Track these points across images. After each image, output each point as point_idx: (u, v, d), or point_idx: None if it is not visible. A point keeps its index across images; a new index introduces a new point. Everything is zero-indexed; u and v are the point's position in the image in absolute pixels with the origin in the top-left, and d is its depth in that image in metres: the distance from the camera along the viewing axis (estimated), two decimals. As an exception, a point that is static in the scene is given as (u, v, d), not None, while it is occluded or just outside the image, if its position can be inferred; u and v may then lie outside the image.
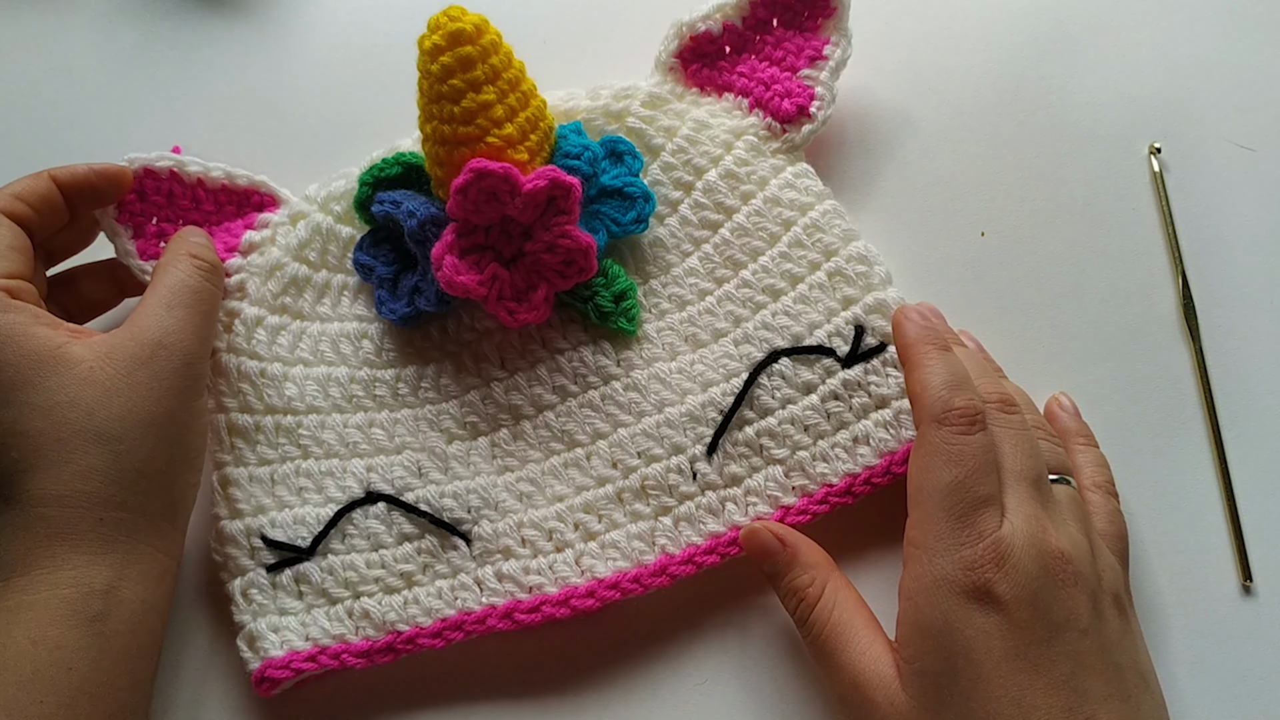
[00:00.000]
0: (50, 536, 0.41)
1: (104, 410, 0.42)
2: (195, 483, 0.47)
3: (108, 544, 0.42)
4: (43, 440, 0.42)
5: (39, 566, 0.41)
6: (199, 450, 0.46)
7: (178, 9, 0.62)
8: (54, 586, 0.41)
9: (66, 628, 0.40)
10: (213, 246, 0.50)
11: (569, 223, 0.48)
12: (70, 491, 0.42)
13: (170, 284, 0.46)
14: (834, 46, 0.53)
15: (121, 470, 0.42)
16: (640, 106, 0.53)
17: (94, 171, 0.49)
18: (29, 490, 0.41)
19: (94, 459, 0.42)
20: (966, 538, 0.39)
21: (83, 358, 0.43)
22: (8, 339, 0.43)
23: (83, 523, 0.42)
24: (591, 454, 0.49)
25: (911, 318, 0.45)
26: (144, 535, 0.43)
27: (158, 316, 0.45)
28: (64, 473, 0.42)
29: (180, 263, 0.47)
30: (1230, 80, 0.55)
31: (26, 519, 0.41)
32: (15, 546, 0.41)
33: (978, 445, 0.40)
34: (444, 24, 0.46)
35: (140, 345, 0.44)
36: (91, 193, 0.49)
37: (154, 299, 0.46)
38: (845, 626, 0.42)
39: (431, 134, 0.48)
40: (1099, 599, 0.39)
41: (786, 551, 0.45)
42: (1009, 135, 0.55)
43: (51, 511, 0.41)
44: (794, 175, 0.52)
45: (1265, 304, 0.52)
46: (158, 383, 0.44)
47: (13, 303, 0.44)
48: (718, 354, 0.50)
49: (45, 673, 0.39)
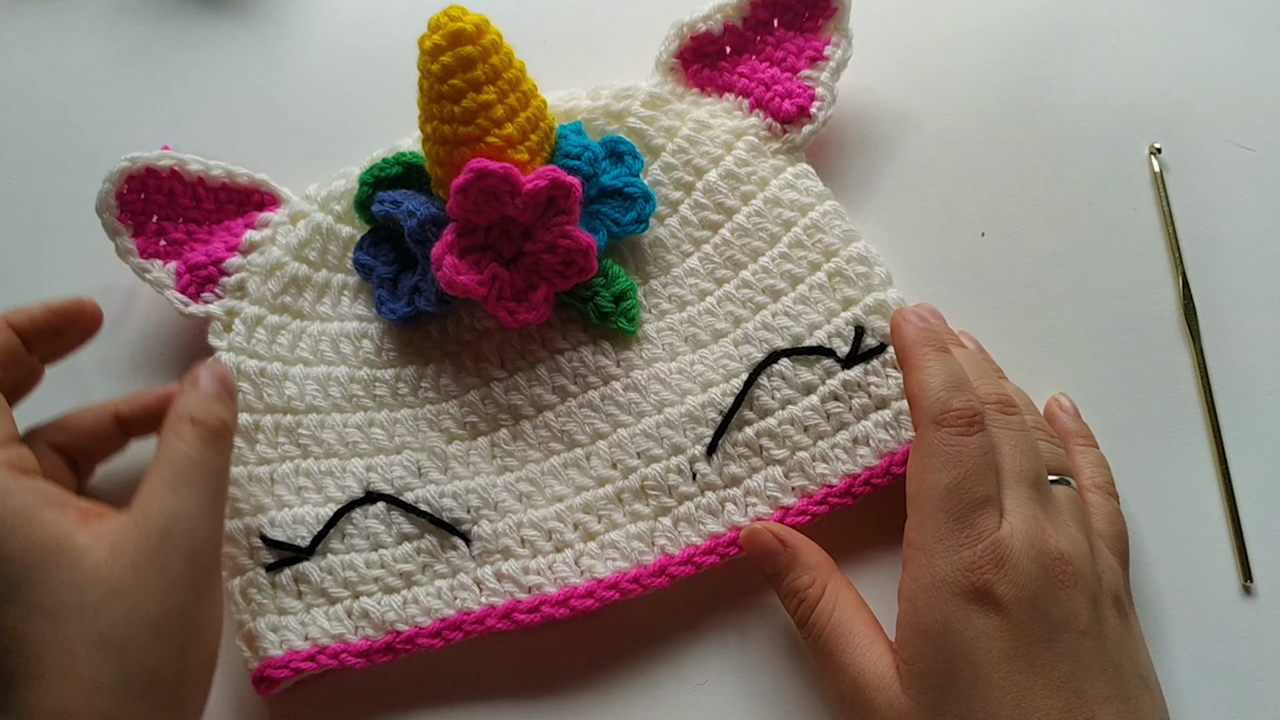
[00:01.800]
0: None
1: (110, 614, 0.38)
2: (207, 685, 0.42)
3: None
4: (45, 647, 0.37)
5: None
6: (213, 650, 0.42)
7: (178, 9, 0.62)
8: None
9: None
10: (223, 391, 0.44)
11: (569, 223, 0.48)
12: (72, 707, 0.37)
13: (173, 459, 0.41)
14: (835, 47, 0.53)
15: (129, 681, 0.38)
16: (641, 107, 0.53)
17: (51, 311, 0.45)
18: (28, 701, 0.37)
19: (99, 670, 0.37)
20: (965, 539, 0.39)
21: (89, 550, 0.39)
22: (14, 528, 0.39)
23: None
24: (591, 454, 0.49)
25: (909, 319, 0.45)
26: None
27: (162, 500, 0.40)
28: (66, 685, 0.37)
29: (182, 431, 0.42)
30: (1230, 80, 0.55)
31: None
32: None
33: (976, 446, 0.40)
34: (444, 24, 0.46)
35: (146, 536, 0.39)
36: (54, 335, 0.46)
37: (157, 477, 0.41)
38: (845, 627, 0.42)
39: (432, 134, 0.48)
40: (1098, 600, 0.39)
41: (787, 552, 0.45)
42: (1009, 135, 0.55)
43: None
44: (794, 176, 0.52)
45: (1265, 304, 0.52)
46: (166, 579, 0.39)
47: (22, 482, 0.40)
48: (717, 354, 0.50)
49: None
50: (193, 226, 0.53)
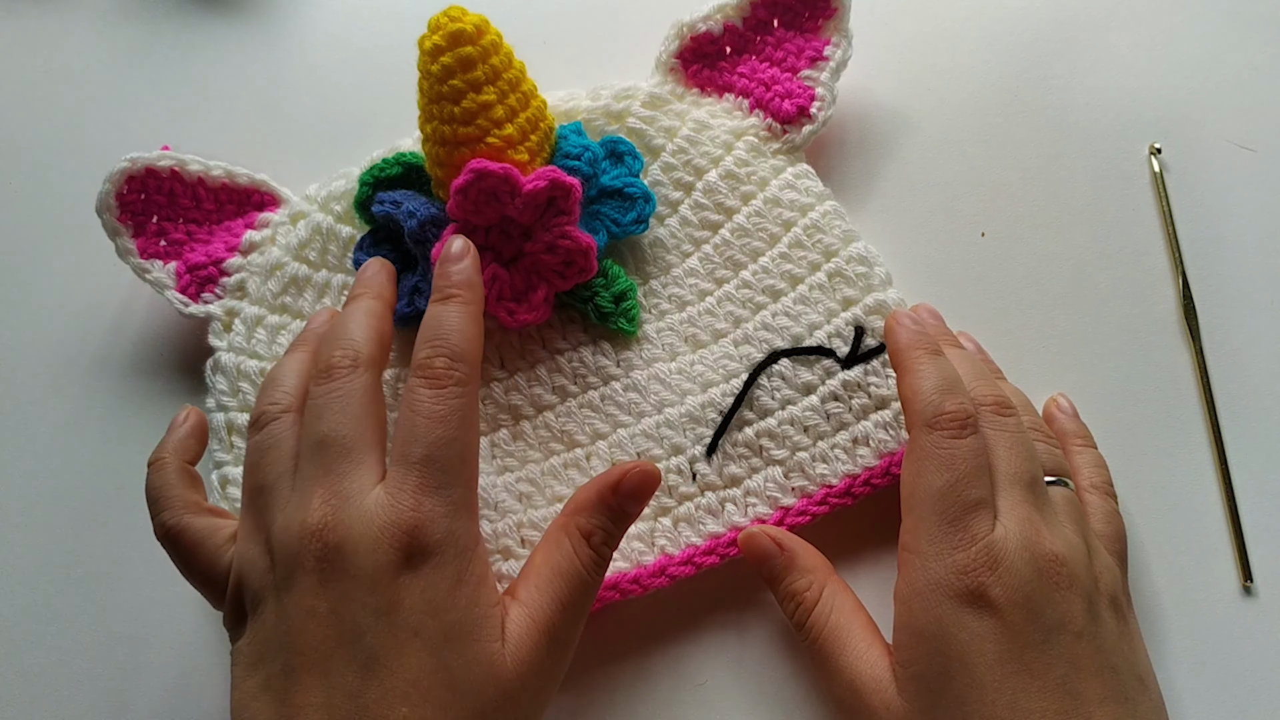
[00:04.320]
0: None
1: (496, 711, 0.38)
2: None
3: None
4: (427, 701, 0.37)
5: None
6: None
7: (178, 9, 0.62)
8: None
9: None
10: (624, 515, 0.42)
11: (569, 223, 0.48)
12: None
13: (566, 571, 0.40)
14: (834, 47, 0.53)
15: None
16: (640, 107, 0.53)
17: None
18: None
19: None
20: (959, 542, 0.39)
21: (506, 661, 0.38)
22: (472, 638, 0.38)
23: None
24: (591, 454, 0.49)
25: (903, 323, 0.45)
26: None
27: (550, 610, 0.40)
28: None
29: (580, 548, 0.41)
30: (1230, 80, 0.55)
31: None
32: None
33: (969, 449, 0.40)
34: (444, 24, 0.46)
35: (539, 642, 0.39)
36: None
37: (549, 583, 0.40)
38: (842, 630, 0.42)
39: (431, 134, 0.48)
40: (1095, 601, 0.39)
41: (784, 555, 0.44)
42: (1009, 135, 0.55)
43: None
44: (794, 176, 0.52)
45: (1265, 304, 0.52)
46: (550, 681, 0.40)
47: (490, 595, 0.39)
48: (717, 355, 0.50)
49: None
50: (193, 227, 0.53)
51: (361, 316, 0.43)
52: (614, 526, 0.41)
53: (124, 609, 0.50)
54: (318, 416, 0.40)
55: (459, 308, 0.42)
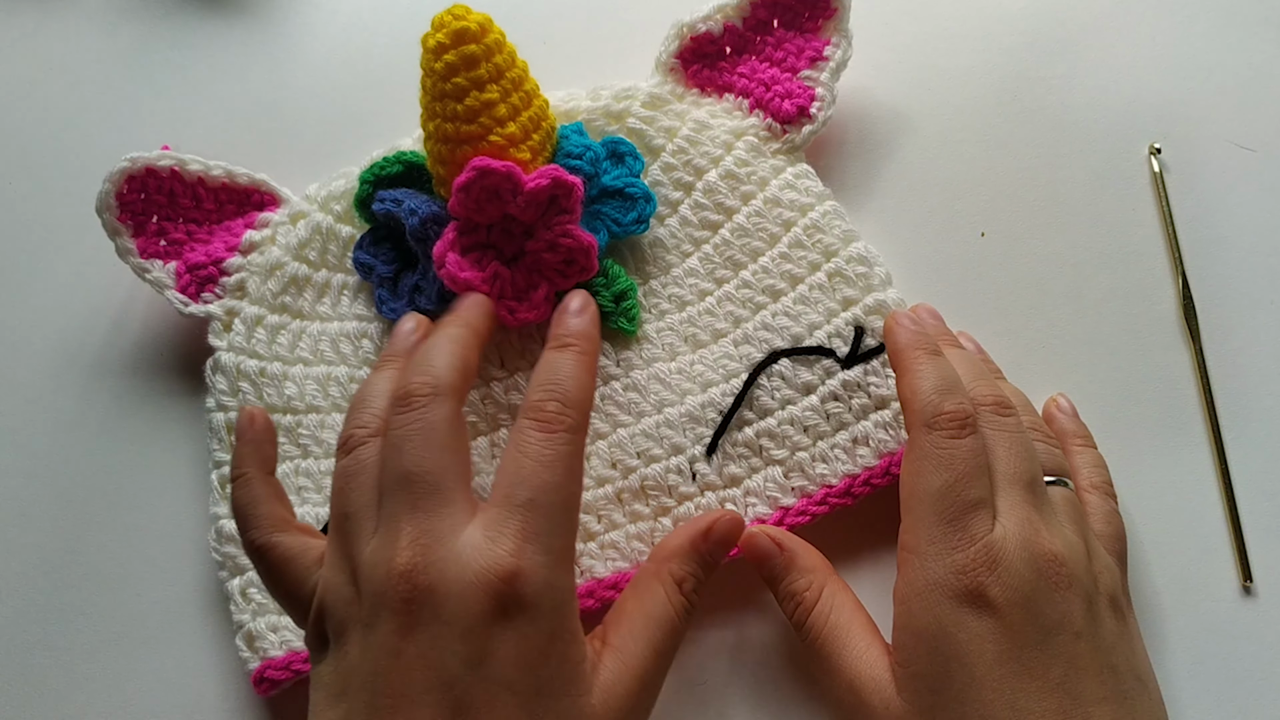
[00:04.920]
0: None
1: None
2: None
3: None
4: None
5: None
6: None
7: (178, 9, 0.62)
8: None
9: None
10: (710, 561, 0.43)
11: (571, 222, 0.48)
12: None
13: (659, 617, 0.40)
14: (834, 47, 0.53)
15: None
16: (641, 107, 0.53)
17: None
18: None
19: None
20: (958, 542, 0.39)
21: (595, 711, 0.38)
22: (564, 690, 0.37)
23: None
24: (590, 454, 0.49)
25: (902, 323, 0.45)
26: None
27: (643, 656, 0.39)
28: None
29: (673, 595, 0.41)
30: (1230, 80, 0.55)
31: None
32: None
33: (968, 449, 0.40)
34: (448, 22, 0.46)
35: (631, 689, 0.39)
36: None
37: (641, 628, 0.40)
38: (842, 630, 0.42)
39: (434, 132, 0.48)
40: (1094, 601, 0.39)
41: (783, 556, 0.44)
42: (1009, 135, 0.55)
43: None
44: (794, 176, 0.52)
45: (1265, 304, 0.52)
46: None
47: (579, 646, 0.38)
48: (717, 354, 0.50)
49: None
50: (193, 226, 0.53)
51: (446, 344, 0.42)
52: (703, 573, 0.42)
53: (124, 609, 0.50)
54: (399, 449, 0.38)
55: (575, 357, 0.42)
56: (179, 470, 0.52)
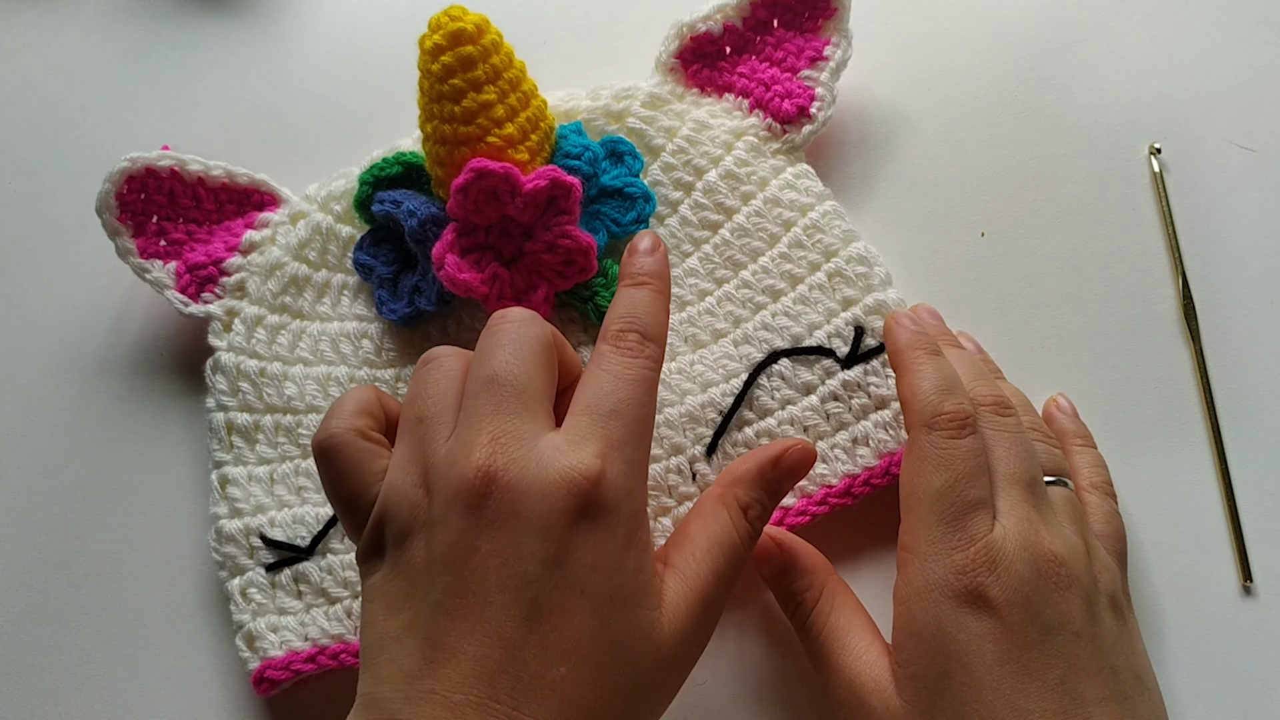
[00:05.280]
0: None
1: (651, 681, 0.37)
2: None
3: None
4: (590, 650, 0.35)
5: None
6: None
7: (177, 9, 0.62)
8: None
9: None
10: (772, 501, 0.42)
11: (569, 223, 0.48)
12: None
13: (721, 539, 0.39)
14: (834, 47, 0.53)
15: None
16: (640, 107, 0.53)
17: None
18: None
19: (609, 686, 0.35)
20: (958, 542, 0.39)
21: (673, 660, 0.37)
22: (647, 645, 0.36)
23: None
24: (591, 454, 0.49)
25: (902, 323, 0.45)
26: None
27: (706, 580, 0.38)
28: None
29: (736, 519, 0.40)
30: (1230, 80, 0.55)
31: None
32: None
33: (967, 449, 0.40)
34: (445, 23, 0.46)
35: (694, 611, 0.38)
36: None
37: (705, 552, 0.39)
38: (842, 630, 0.42)
39: (432, 133, 0.48)
40: (1094, 601, 0.39)
41: (784, 556, 0.44)
42: (1009, 135, 0.55)
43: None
44: (794, 176, 0.52)
45: (1265, 304, 0.52)
46: (698, 650, 0.39)
47: (652, 576, 0.37)
48: (717, 354, 0.50)
49: None
50: (193, 227, 0.53)
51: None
52: (769, 501, 0.41)
53: (124, 609, 0.50)
54: (489, 355, 0.38)
55: (651, 294, 0.41)
56: (179, 470, 0.52)
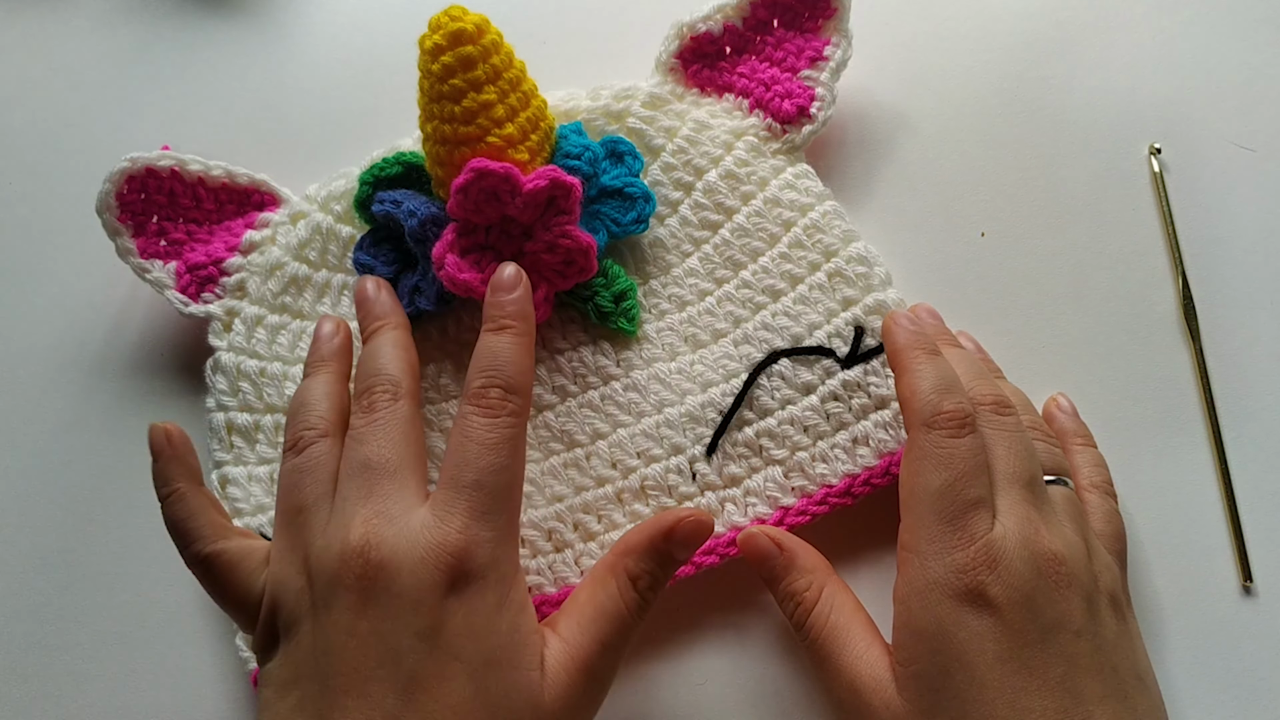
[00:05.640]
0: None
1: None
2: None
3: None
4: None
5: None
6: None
7: (177, 9, 0.62)
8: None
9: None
10: (673, 561, 0.42)
11: (569, 223, 0.48)
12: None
13: (610, 612, 0.40)
14: (834, 47, 0.53)
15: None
16: (640, 107, 0.53)
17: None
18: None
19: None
20: (958, 541, 0.39)
21: (545, 695, 0.38)
22: (510, 667, 0.38)
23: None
24: (591, 454, 0.49)
25: (901, 323, 0.45)
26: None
27: (590, 650, 0.39)
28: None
29: (625, 591, 0.41)
30: (1230, 80, 0.55)
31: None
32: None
33: (967, 448, 0.40)
34: (445, 23, 0.46)
35: (577, 679, 0.39)
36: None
37: (592, 623, 0.40)
38: (842, 630, 0.42)
39: (432, 134, 0.48)
40: (1094, 600, 0.39)
41: (783, 556, 0.44)
42: (1009, 135, 0.55)
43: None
44: (794, 176, 0.52)
45: (1265, 304, 0.52)
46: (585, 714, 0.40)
47: (533, 637, 0.39)
48: (717, 354, 0.50)
49: None
50: (193, 227, 0.53)
51: (391, 349, 0.44)
52: (661, 572, 0.42)
53: (124, 609, 0.50)
54: (361, 441, 0.40)
55: (512, 339, 0.42)
56: (179, 470, 0.52)
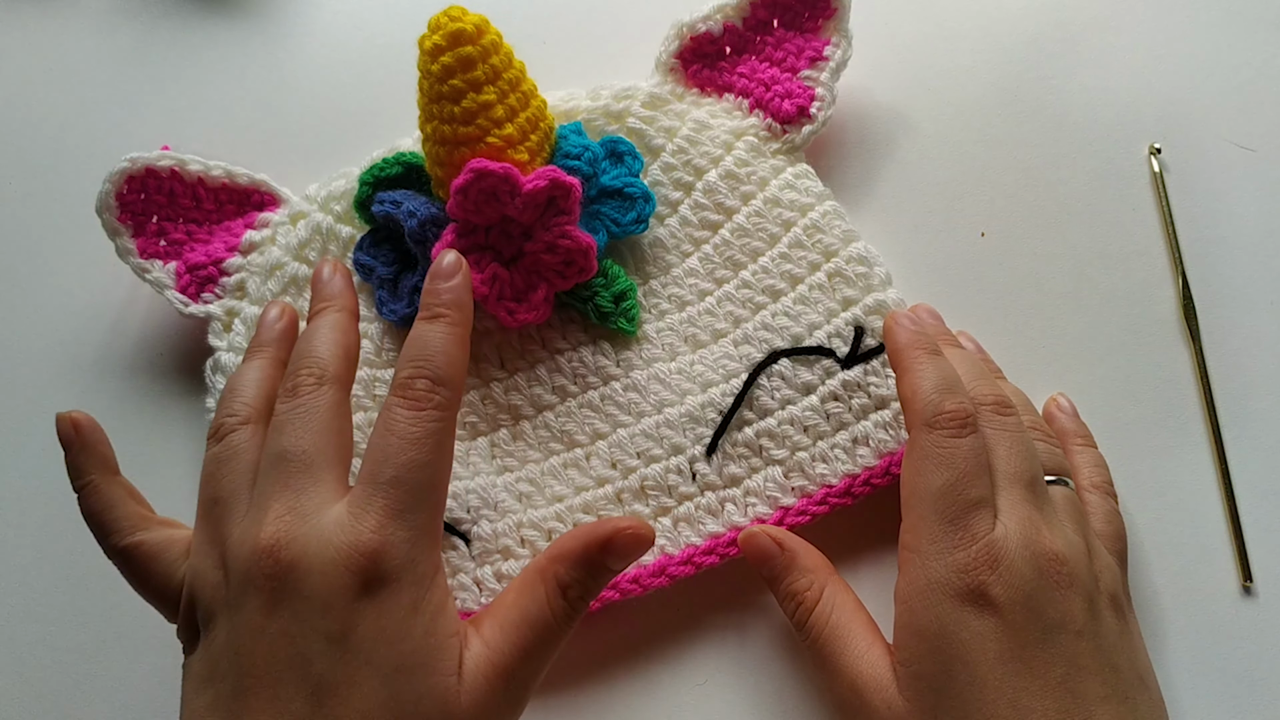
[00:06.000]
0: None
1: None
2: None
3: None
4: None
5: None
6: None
7: (177, 9, 0.62)
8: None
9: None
10: (605, 571, 0.40)
11: (569, 223, 0.48)
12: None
13: (535, 619, 0.39)
14: (834, 47, 0.53)
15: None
16: (640, 107, 0.53)
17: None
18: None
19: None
20: (959, 541, 0.39)
21: (460, 699, 0.37)
22: (426, 671, 0.36)
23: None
24: (591, 454, 0.49)
25: (902, 323, 0.45)
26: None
27: (513, 657, 0.38)
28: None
29: (554, 599, 0.39)
30: (1230, 80, 0.55)
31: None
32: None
33: (968, 448, 0.40)
34: (444, 24, 0.46)
35: (496, 686, 0.37)
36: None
37: (515, 629, 0.38)
38: (843, 630, 0.42)
39: (432, 134, 0.48)
40: (1095, 600, 0.39)
41: (784, 555, 0.44)
42: (1009, 135, 0.55)
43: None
44: (794, 176, 0.52)
45: (1265, 304, 0.52)
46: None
47: (451, 636, 0.37)
48: (717, 354, 0.50)
49: None
50: (193, 227, 0.53)
51: (328, 332, 0.42)
52: (593, 582, 0.39)
53: (124, 609, 0.50)
54: (280, 431, 0.39)
55: (445, 329, 0.40)
56: (179, 470, 0.52)
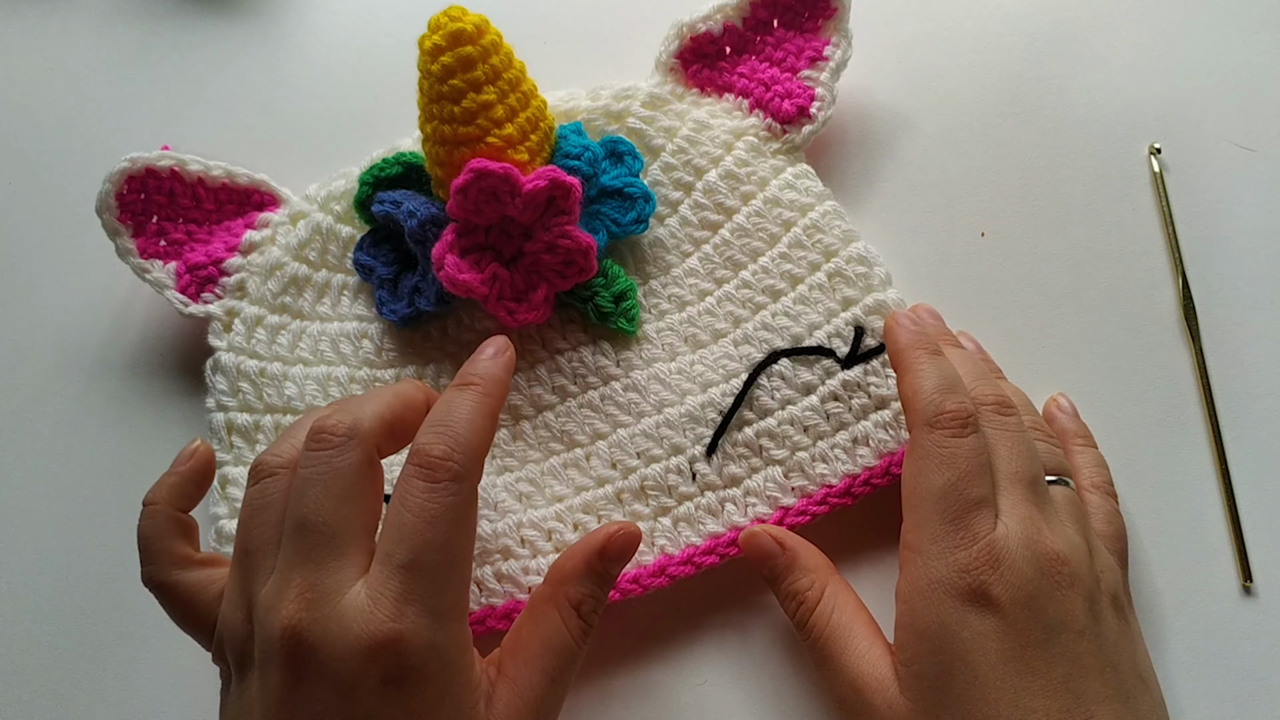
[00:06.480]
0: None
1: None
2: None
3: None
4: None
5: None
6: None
7: (177, 9, 0.62)
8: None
9: None
10: (607, 585, 0.42)
11: (569, 223, 0.48)
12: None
13: (557, 647, 0.40)
14: (834, 47, 0.53)
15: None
16: (640, 107, 0.53)
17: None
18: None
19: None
20: (960, 540, 0.39)
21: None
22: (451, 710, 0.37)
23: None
24: (591, 454, 0.49)
25: (903, 323, 0.45)
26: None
27: (542, 689, 0.39)
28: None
29: (569, 620, 0.40)
30: (1230, 80, 0.55)
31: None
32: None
33: (969, 448, 0.40)
34: (444, 24, 0.46)
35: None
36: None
37: (540, 660, 0.39)
38: (844, 630, 0.42)
39: (432, 134, 0.48)
40: (1096, 600, 0.39)
41: (785, 555, 0.44)
42: (1009, 135, 0.55)
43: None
44: (794, 176, 0.52)
45: (1265, 304, 0.52)
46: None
47: (474, 680, 0.38)
48: (717, 355, 0.50)
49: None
50: (193, 227, 0.53)
51: (381, 393, 0.41)
52: (601, 592, 0.41)
53: (124, 609, 0.50)
54: (301, 493, 0.37)
55: (474, 397, 0.39)
56: (179, 470, 0.52)
